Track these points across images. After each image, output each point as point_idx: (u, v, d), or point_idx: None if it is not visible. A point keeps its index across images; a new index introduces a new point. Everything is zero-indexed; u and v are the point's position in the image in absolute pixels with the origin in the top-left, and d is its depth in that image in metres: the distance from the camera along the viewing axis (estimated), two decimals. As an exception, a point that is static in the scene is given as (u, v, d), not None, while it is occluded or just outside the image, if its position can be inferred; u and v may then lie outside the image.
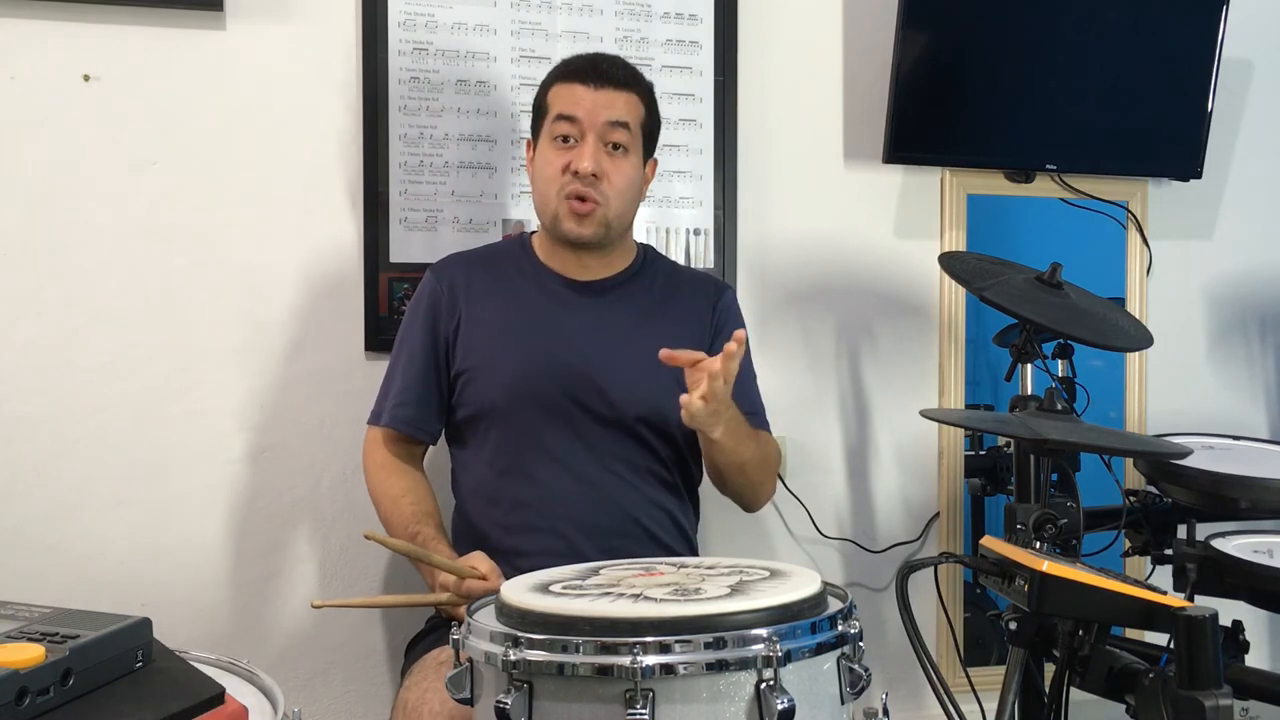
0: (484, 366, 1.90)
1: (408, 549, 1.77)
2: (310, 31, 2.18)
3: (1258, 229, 2.76)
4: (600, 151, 1.85)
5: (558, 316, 1.93)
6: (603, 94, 1.86)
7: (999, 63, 2.48)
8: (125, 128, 2.09)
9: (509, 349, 1.90)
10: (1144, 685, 1.36)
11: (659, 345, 1.88)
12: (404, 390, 1.93)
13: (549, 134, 1.88)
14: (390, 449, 1.95)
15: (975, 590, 2.54)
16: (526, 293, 1.95)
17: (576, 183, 1.84)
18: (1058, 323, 1.95)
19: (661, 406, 1.88)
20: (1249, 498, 1.94)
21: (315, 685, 2.18)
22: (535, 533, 1.85)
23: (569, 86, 1.88)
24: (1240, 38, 2.62)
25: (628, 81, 1.90)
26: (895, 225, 2.52)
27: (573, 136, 1.86)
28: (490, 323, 1.93)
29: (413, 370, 1.93)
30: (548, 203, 1.89)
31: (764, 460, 1.95)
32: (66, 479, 2.07)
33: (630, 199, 1.92)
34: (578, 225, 1.87)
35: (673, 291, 2.01)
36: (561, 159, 1.86)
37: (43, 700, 0.98)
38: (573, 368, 1.88)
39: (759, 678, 1.16)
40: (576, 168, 1.83)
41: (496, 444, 1.89)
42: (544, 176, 1.89)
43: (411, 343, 1.95)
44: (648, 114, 1.94)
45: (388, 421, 1.94)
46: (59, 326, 2.07)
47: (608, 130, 1.86)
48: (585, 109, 1.85)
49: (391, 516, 1.90)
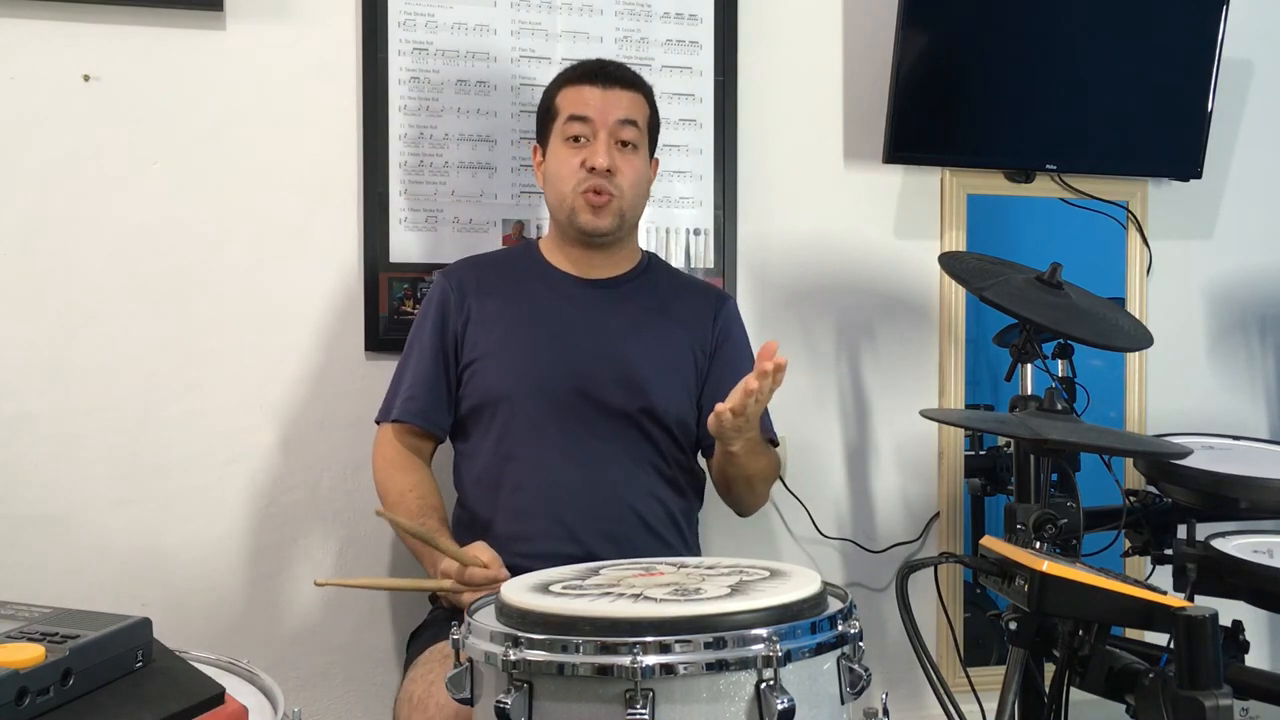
0: (491, 356, 1.93)
1: (416, 529, 1.79)
2: (310, 31, 2.18)
3: (1258, 229, 2.76)
4: (612, 148, 1.91)
5: (565, 310, 1.96)
6: (611, 93, 1.93)
7: (999, 63, 2.48)
8: (125, 128, 2.10)
9: (516, 340, 1.94)
10: (1144, 685, 1.36)
11: (663, 340, 1.98)
12: (414, 385, 1.96)
13: (561, 135, 1.93)
14: (400, 444, 1.97)
15: (975, 590, 2.54)
16: (535, 289, 1.99)
17: (593, 178, 1.90)
18: (1058, 323, 1.95)
19: (665, 401, 1.93)
20: (1249, 498, 1.94)
21: (315, 685, 2.19)
22: (535, 518, 1.87)
23: (577, 89, 1.94)
24: (1240, 38, 2.62)
25: (633, 82, 1.98)
26: (895, 225, 2.52)
27: (585, 136, 1.91)
28: (498, 316, 1.96)
29: (423, 366, 1.96)
30: (564, 200, 1.93)
31: (770, 475, 2.02)
32: (66, 479, 2.07)
33: (641, 193, 1.98)
34: (595, 217, 1.91)
35: (676, 294, 2.05)
36: (576, 157, 1.91)
37: (43, 700, 0.98)
38: (578, 358, 1.92)
39: (759, 678, 1.16)
40: (593, 164, 1.89)
41: (500, 431, 1.91)
42: (559, 175, 1.93)
43: (421, 342, 1.97)
44: (652, 113, 2.00)
45: (398, 415, 1.95)
46: (59, 326, 2.07)
47: (618, 128, 1.92)
48: (596, 108, 1.91)
49: (397, 510, 1.91)
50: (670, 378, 1.96)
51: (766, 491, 2.05)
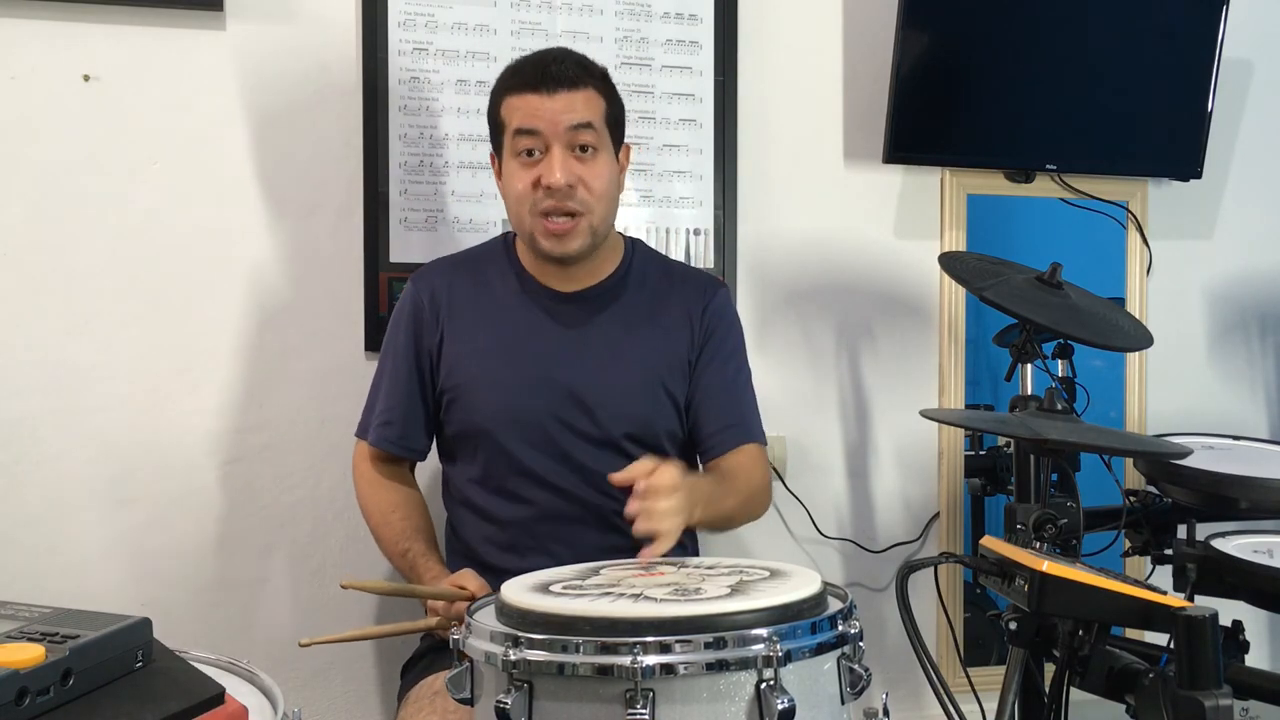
0: (467, 388, 1.85)
1: (391, 589, 1.74)
2: (310, 31, 2.18)
3: (1258, 229, 2.76)
4: (569, 159, 1.75)
5: (541, 334, 1.86)
6: (559, 99, 1.75)
7: (999, 63, 2.48)
8: (125, 128, 2.09)
9: (492, 372, 1.85)
10: (1144, 685, 1.36)
11: (646, 357, 1.86)
12: (389, 409, 1.89)
13: (511, 150, 1.78)
14: (378, 466, 1.92)
15: (975, 590, 2.54)
16: (509, 307, 1.88)
17: (550, 199, 1.75)
18: (1058, 323, 1.94)
19: (649, 422, 1.86)
20: (1249, 498, 1.94)
21: (315, 685, 2.19)
22: (525, 552, 1.81)
23: (522, 98, 1.77)
24: (1240, 38, 2.62)
25: (580, 78, 1.78)
26: (895, 225, 2.52)
27: (537, 149, 1.76)
28: (473, 340, 1.87)
29: (397, 388, 1.89)
30: (522, 221, 1.81)
31: (748, 502, 1.88)
32: (66, 479, 2.07)
33: (611, 199, 1.83)
34: (559, 244, 1.79)
35: (663, 294, 1.93)
36: (530, 175, 1.76)
37: (43, 700, 0.98)
38: (558, 389, 1.83)
39: (759, 678, 1.16)
40: (548, 181, 1.74)
41: (485, 465, 1.86)
42: (514, 194, 1.79)
43: (395, 358, 1.90)
44: (609, 104, 1.82)
45: (374, 441, 1.90)
46: (59, 326, 2.07)
47: (573, 135, 1.76)
48: (545, 120, 1.75)
49: (381, 532, 1.88)
50: (655, 393, 1.87)
51: (755, 511, 1.92)
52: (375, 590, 1.77)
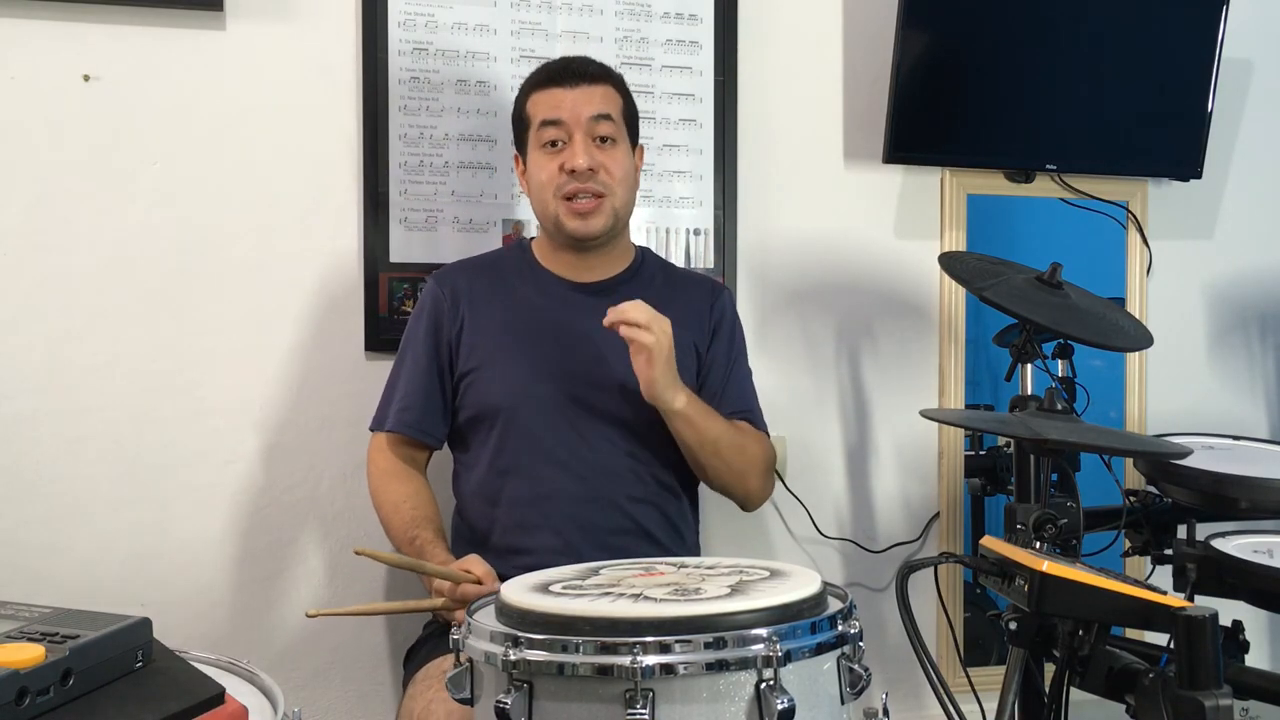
0: (486, 368, 1.91)
1: (399, 561, 1.79)
2: (310, 31, 2.18)
3: (1258, 229, 2.76)
4: (591, 146, 1.87)
5: (559, 317, 1.94)
6: (580, 91, 1.89)
7: (999, 62, 2.48)
8: (125, 128, 2.09)
9: (511, 351, 1.92)
10: (1144, 685, 1.36)
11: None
12: (408, 395, 1.94)
13: (536, 142, 1.90)
14: (394, 454, 1.95)
15: (975, 590, 2.54)
16: (528, 296, 1.96)
17: (573, 181, 1.86)
18: (1058, 323, 1.94)
19: None
20: (1249, 498, 1.94)
21: (315, 685, 2.18)
22: (534, 531, 1.86)
23: (547, 92, 1.90)
24: (1240, 38, 2.62)
25: (601, 75, 1.93)
26: (895, 225, 2.52)
27: (560, 139, 1.88)
28: (492, 325, 1.94)
29: (416, 375, 1.94)
30: (547, 207, 1.90)
31: (740, 446, 1.92)
32: (66, 479, 2.07)
33: (630, 186, 1.95)
34: (584, 223, 1.89)
35: (672, 291, 2.01)
36: (554, 162, 1.88)
37: (43, 700, 0.98)
38: (574, 368, 1.90)
39: (759, 678, 1.16)
40: (571, 166, 1.85)
41: (498, 444, 1.90)
42: (539, 182, 1.90)
43: (415, 349, 1.96)
44: (626, 103, 1.96)
45: (392, 425, 1.94)
46: (59, 326, 2.07)
47: (593, 125, 1.88)
48: (567, 109, 1.87)
49: (391, 521, 1.91)
50: None
51: (747, 468, 1.94)
52: (386, 561, 1.80)
